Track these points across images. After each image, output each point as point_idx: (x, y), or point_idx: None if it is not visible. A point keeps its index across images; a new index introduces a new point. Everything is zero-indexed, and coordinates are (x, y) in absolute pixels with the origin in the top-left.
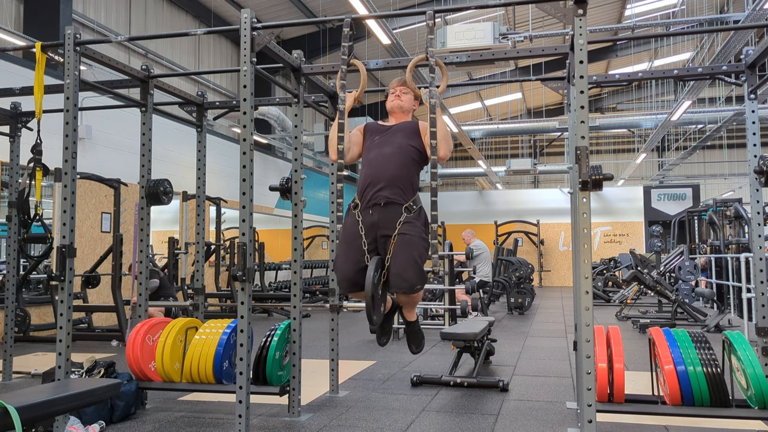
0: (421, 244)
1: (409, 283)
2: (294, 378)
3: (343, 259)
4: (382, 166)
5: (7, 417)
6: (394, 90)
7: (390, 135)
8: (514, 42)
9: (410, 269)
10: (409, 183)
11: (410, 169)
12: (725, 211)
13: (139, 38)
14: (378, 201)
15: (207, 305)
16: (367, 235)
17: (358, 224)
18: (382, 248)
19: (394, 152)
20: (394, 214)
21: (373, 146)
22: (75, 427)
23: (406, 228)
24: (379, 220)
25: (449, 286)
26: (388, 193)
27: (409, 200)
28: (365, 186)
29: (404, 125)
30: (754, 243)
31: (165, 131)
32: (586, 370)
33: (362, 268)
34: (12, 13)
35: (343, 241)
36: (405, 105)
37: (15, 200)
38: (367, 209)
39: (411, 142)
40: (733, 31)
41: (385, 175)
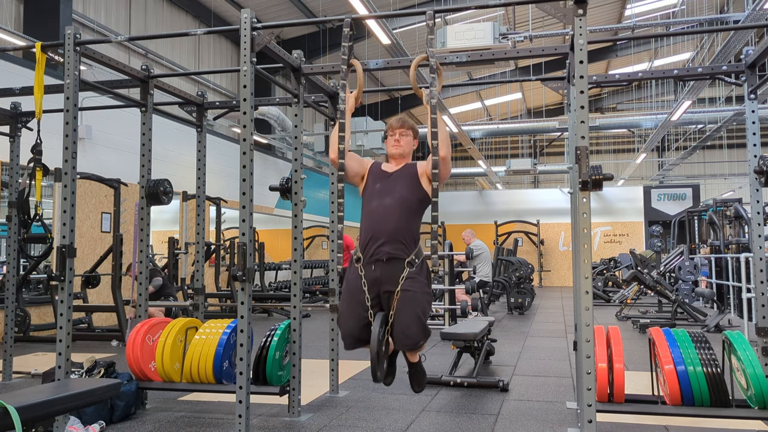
0: (425, 299)
1: (413, 340)
2: (294, 378)
3: (347, 316)
4: (383, 220)
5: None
6: (393, 133)
7: (391, 183)
8: (514, 42)
9: (414, 327)
10: (410, 236)
11: (411, 221)
12: (725, 211)
13: (139, 38)
14: (380, 257)
15: (207, 305)
16: (370, 290)
17: (360, 279)
18: (385, 303)
19: (394, 204)
20: (397, 270)
21: (374, 195)
22: (75, 427)
23: (409, 284)
24: (382, 276)
25: (449, 286)
26: (390, 248)
27: (411, 254)
28: (367, 240)
29: (404, 172)
30: (754, 243)
31: (165, 131)
32: (586, 370)
33: (366, 324)
34: (12, 13)
35: (346, 296)
36: (405, 150)
37: (15, 200)
38: (370, 264)
39: (411, 191)
40: (733, 31)
41: (386, 230)
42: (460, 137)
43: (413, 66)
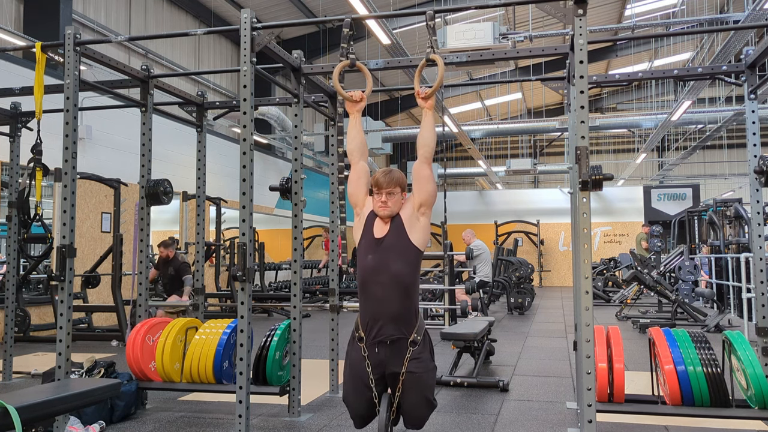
0: (430, 378)
1: (420, 420)
2: (294, 378)
3: (353, 397)
4: (382, 302)
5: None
6: (380, 193)
7: (383, 255)
8: (514, 42)
9: (421, 408)
10: (411, 314)
11: (410, 298)
12: (725, 211)
13: (139, 38)
14: (383, 339)
15: (207, 305)
16: (375, 371)
17: (364, 360)
18: (391, 384)
19: (390, 284)
20: (401, 351)
21: (368, 269)
22: (75, 427)
23: (415, 365)
24: (387, 359)
25: (449, 286)
26: (393, 330)
27: (413, 331)
28: (367, 321)
29: (394, 235)
30: (754, 243)
31: (165, 131)
32: (586, 370)
33: (372, 403)
34: (12, 13)
35: (350, 377)
36: (394, 210)
37: (15, 200)
38: (373, 346)
39: (405, 261)
40: (733, 31)
41: (386, 313)
42: (460, 137)
43: (418, 71)
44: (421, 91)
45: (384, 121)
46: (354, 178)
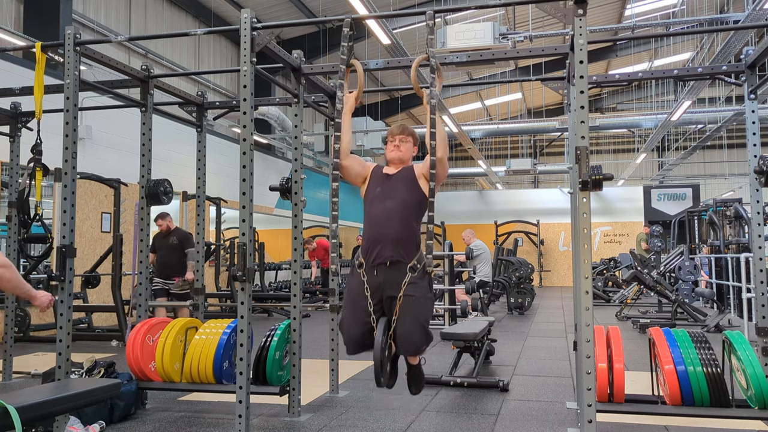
0: (427, 305)
1: (415, 346)
2: (294, 378)
3: (350, 322)
4: (385, 225)
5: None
6: (393, 139)
7: (391, 186)
8: (514, 42)
9: (417, 333)
10: (412, 241)
11: (413, 226)
12: (725, 211)
13: (139, 38)
14: (383, 261)
15: (207, 305)
16: (373, 296)
17: (363, 285)
18: (387, 309)
19: (395, 208)
20: (399, 275)
21: (375, 199)
22: (75, 427)
23: (411, 289)
24: (385, 282)
25: (449, 286)
26: (392, 252)
27: (413, 258)
28: (369, 245)
29: (404, 174)
30: (754, 243)
31: (165, 131)
32: (586, 370)
33: (369, 329)
34: (12, 13)
35: (348, 301)
36: (404, 155)
37: (15, 200)
38: (372, 269)
39: (411, 194)
40: (733, 31)
41: (388, 235)
42: (460, 137)
43: (414, 66)
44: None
45: (384, 121)
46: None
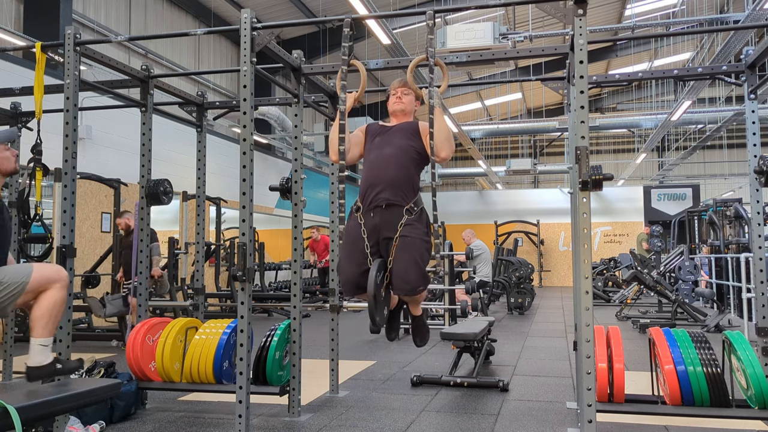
0: (423, 246)
1: (411, 285)
2: (294, 378)
3: (346, 262)
4: (383, 168)
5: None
6: (395, 91)
7: (390, 135)
8: (514, 42)
9: (412, 272)
10: (409, 184)
11: (410, 170)
12: (725, 211)
13: (139, 38)
14: (379, 203)
15: (207, 305)
16: (370, 237)
17: (360, 227)
18: (384, 250)
19: (394, 153)
20: (396, 216)
21: (374, 147)
22: (75, 427)
23: (408, 230)
24: (381, 223)
25: (449, 286)
26: (389, 195)
27: (410, 202)
28: (366, 188)
29: (404, 125)
30: (754, 243)
31: (165, 131)
32: (586, 370)
33: (365, 270)
34: (12, 13)
35: (345, 244)
36: (406, 107)
37: (15, 200)
38: (369, 212)
39: (411, 143)
40: (733, 31)
41: (385, 177)
42: (460, 137)
43: (411, 67)
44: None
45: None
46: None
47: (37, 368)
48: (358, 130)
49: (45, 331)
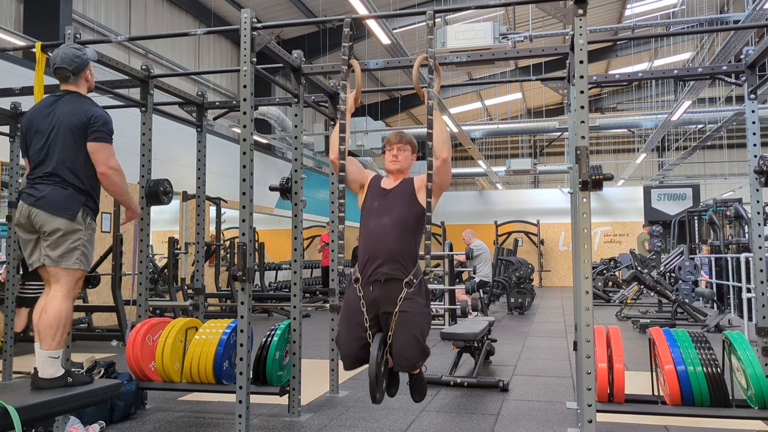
0: (423, 320)
1: (410, 362)
2: (294, 378)
3: (345, 336)
4: (381, 240)
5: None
6: (392, 148)
7: (389, 201)
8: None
9: (411, 349)
10: (408, 256)
11: (409, 241)
12: (725, 211)
13: (139, 38)
14: (378, 277)
15: (207, 305)
16: (369, 311)
17: (359, 300)
18: (384, 324)
19: (392, 224)
20: (395, 290)
21: (372, 213)
22: (75, 427)
23: (407, 305)
24: (380, 297)
25: (449, 286)
26: (388, 269)
27: (409, 274)
28: (365, 261)
29: (402, 189)
30: (754, 243)
31: (165, 131)
32: (586, 370)
33: (365, 344)
34: (12, 13)
35: (344, 316)
36: (404, 165)
37: (15, 200)
38: (368, 285)
39: (409, 209)
40: (733, 31)
41: (384, 251)
42: (460, 137)
43: (416, 66)
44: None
45: (384, 121)
46: (354, 169)
47: (48, 380)
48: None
49: (54, 343)
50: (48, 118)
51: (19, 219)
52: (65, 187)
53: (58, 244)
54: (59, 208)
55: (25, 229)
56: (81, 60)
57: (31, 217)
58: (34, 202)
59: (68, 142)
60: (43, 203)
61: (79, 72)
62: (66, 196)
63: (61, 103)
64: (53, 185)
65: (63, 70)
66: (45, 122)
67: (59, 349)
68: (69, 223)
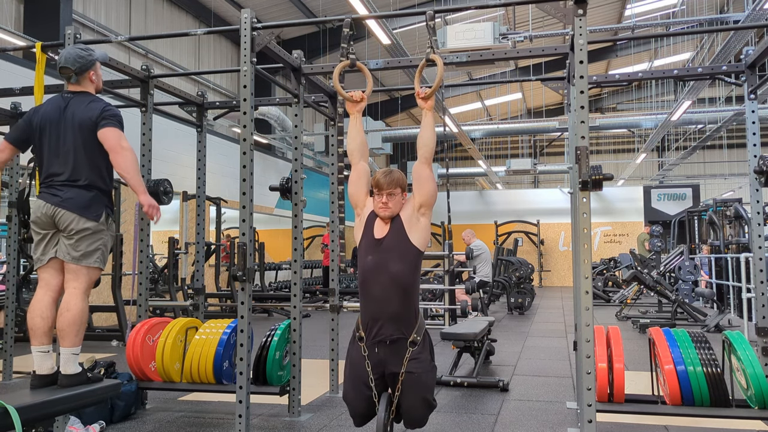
0: (430, 379)
1: (419, 421)
2: (294, 378)
3: (352, 396)
4: (382, 302)
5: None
6: (381, 195)
7: (382, 256)
8: (514, 42)
9: (420, 409)
10: (411, 314)
11: (410, 299)
12: (725, 211)
13: (139, 38)
14: (383, 339)
15: (207, 305)
16: (374, 371)
17: (364, 360)
18: (390, 383)
19: (391, 284)
20: (400, 350)
21: (369, 270)
22: (75, 427)
23: (414, 365)
24: (386, 358)
25: (449, 286)
26: (392, 330)
27: (413, 332)
28: (368, 321)
29: (394, 238)
30: (754, 243)
31: (165, 131)
32: (586, 370)
33: (371, 402)
34: (12, 13)
35: (350, 376)
36: (394, 211)
37: (15, 200)
38: (373, 346)
39: (406, 261)
40: (733, 31)
41: (386, 313)
42: (460, 137)
43: (418, 72)
44: (421, 91)
45: (384, 121)
46: (354, 179)
47: (71, 377)
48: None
49: (77, 339)
50: (62, 119)
51: (39, 217)
52: (89, 190)
53: (83, 243)
54: (86, 210)
55: (40, 226)
56: (85, 60)
57: (55, 217)
58: (59, 203)
59: (86, 142)
60: (70, 204)
61: (82, 72)
62: (91, 198)
63: (72, 104)
64: (77, 188)
65: (66, 70)
66: (59, 124)
67: (80, 346)
68: (96, 225)
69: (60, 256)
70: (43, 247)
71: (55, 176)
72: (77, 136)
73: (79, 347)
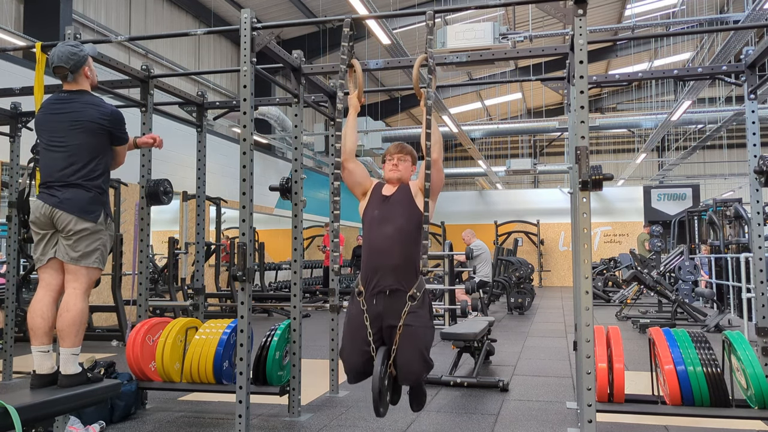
0: (427, 335)
1: (415, 376)
2: (294, 378)
3: (349, 351)
4: (385, 252)
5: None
6: (392, 158)
7: (389, 209)
8: (514, 42)
9: (416, 364)
10: (411, 268)
11: (412, 252)
12: (725, 211)
13: (139, 38)
14: (382, 289)
15: (207, 305)
16: (373, 324)
17: (363, 314)
18: (387, 337)
19: (394, 235)
20: (399, 304)
21: (374, 223)
22: (75, 427)
23: (411, 318)
24: (384, 310)
25: (449, 286)
26: (392, 281)
27: (413, 286)
28: (368, 273)
29: (401, 195)
30: (754, 243)
31: (165, 131)
32: (586, 370)
33: (369, 358)
34: (12, 13)
35: (348, 330)
36: (404, 175)
37: (15, 200)
38: (372, 298)
39: (410, 217)
40: (733, 31)
41: (387, 263)
42: (460, 137)
43: (416, 65)
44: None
45: (384, 121)
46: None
47: (72, 377)
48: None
49: (77, 340)
50: (61, 120)
51: (38, 217)
52: (88, 190)
53: (81, 244)
54: (84, 211)
55: (39, 226)
56: (78, 57)
57: (54, 217)
58: (57, 204)
59: (86, 143)
60: (68, 205)
61: (77, 69)
62: (90, 198)
63: (72, 105)
64: (76, 188)
65: (61, 69)
66: (59, 125)
67: (80, 346)
68: (94, 225)
69: (59, 256)
70: (42, 247)
71: (56, 177)
72: (77, 136)
73: (79, 347)
